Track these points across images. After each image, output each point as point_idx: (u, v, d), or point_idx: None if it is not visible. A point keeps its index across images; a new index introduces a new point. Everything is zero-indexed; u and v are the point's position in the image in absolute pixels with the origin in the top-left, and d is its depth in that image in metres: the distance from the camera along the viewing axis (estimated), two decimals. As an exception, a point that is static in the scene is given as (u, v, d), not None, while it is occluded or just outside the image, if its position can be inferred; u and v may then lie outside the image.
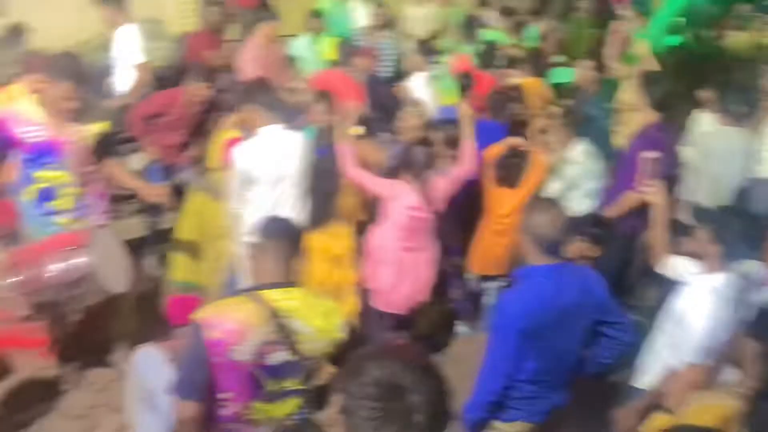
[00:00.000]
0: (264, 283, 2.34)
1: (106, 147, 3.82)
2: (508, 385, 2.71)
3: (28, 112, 3.57)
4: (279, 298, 2.30)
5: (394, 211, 3.81)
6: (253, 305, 2.24)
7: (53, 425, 3.73)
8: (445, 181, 3.95)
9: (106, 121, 3.80)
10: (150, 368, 2.70)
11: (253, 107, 3.76)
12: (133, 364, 2.83)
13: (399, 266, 3.90)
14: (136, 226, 5.63)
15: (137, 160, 5.70)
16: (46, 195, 3.64)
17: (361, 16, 7.51)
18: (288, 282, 2.38)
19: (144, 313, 4.24)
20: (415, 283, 3.96)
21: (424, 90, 5.84)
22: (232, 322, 2.18)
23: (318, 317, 2.36)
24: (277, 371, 2.28)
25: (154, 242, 5.26)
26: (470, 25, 7.59)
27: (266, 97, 3.80)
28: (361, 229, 4.13)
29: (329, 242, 3.91)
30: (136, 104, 5.05)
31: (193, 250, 4.50)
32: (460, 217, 4.35)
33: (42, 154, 3.57)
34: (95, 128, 3.72)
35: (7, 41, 6.17)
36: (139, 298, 4.02)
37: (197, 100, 4.76)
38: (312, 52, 7.01)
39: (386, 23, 7.50)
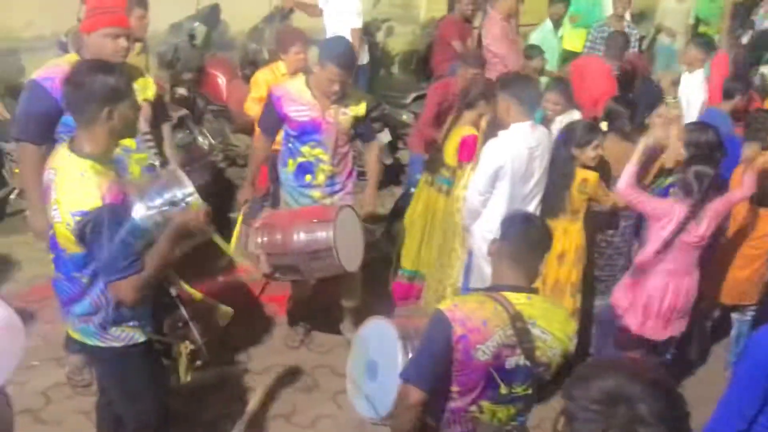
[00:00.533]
0: (507, 285, 2.32)
1: (361, 128, 3.99)
2: (745, 429, 2.45)
3: (298, 91, 3.82)
4: (521, 302, 2.27)
5: (663, 230, 3.58)
6: (495, 306, 2.23)
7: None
8: (720, 204, 3.61)
9: (362, 103, 3.95)
10: (378, 341, 2.77)
11: (507, 99, 3.69)
12: (362, 333, 2.96)
13: (659, 289, 3.68)
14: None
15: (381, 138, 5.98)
16: (304, 169, 3.89)
17: (608, 4, 7.16)
18: (531, 287, 2.34)
19: (371, 286, 4.43)
20: (672, 308, 3.71)
21: (698, 90, 5.37)
22: (476, 321, 2.19)
23: (555, 325, 2.30)
24: (511, 375, 2.26)
25: (388, 220, 5.48)
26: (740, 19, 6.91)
27: (523, 90, 3.69)
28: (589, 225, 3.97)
29: (557, 238, 3.76)
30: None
31: (420, 240, 4.58)
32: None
33: (305, 131, 3.81)
34: (356, 111, 3.89)
35: (273, 20, 6.70)
36: (367, 272, 4.19)
37: (470, 86, 4.72)
38: (553, 41, 6.84)
39: (636, 13, 7.09)
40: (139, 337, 2.68)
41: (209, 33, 6.25)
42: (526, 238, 2.36)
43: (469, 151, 4.25)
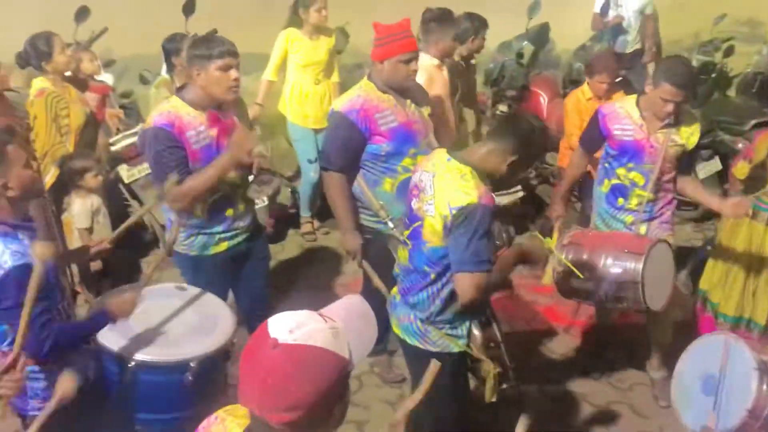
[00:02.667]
0: None
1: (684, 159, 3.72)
2: None
3: (626, 110, 3.67)
4: None
5: None
6: None
7: (572, 408, 3.93)
8: None
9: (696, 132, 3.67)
10: (726, 358, 2.67)
11: None
12: (707, 341, 2.88)
13: None
14: (687, 234, 5.52)
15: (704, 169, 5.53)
16: (618, 191, 3.74)
17: None
18: None
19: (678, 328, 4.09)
20: None
21: None
22: None
23: None
24: None
25: (701, 257, 5.03)
26: None
27: None
28: None
29: None
30: None
31: (742, 283, 4.00)
32: None
33: (625, 152, 3.65)
34: (686, 139, 3.63)
35: (602, 38, 6.55)
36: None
37: None
38: None
39: None
40: (454, 348, 2.79)
41: (536, 52, 6.35)
42: None
43: None
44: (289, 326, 1.33)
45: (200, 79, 3.07)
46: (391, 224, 3.39)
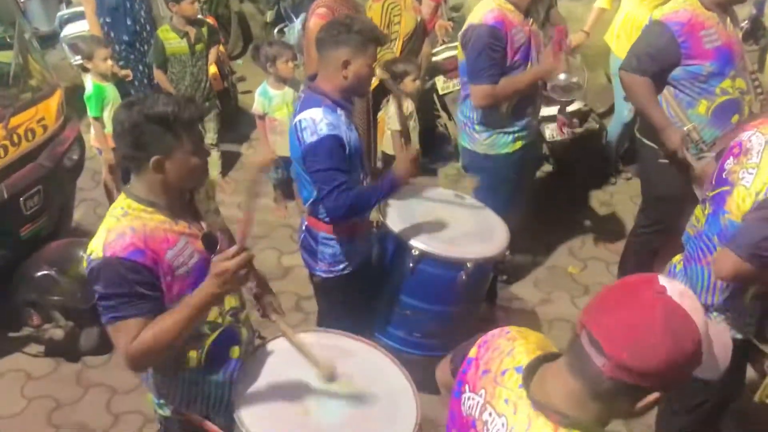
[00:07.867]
0: None
1: None
2: None
3: None
4: None
5: None
6: None
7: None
8: None
9: None
10: None
11: None
12: None
13: None
14: None
15: None
16: None
17: None
18: None
19: None
20: None
21: None
22: None
23: None
24: None
25: None
26: None
27: None
28: None
29: None
30: None
31: None
32: None
33: None
34: None
35: None
36: None
37: None
38: None
39: None
40: (738, 334, 2.42)
41: None
42: None
43: None
44: (681, 290, 1.19)
45: None
46: (705, 148, 3.19)
